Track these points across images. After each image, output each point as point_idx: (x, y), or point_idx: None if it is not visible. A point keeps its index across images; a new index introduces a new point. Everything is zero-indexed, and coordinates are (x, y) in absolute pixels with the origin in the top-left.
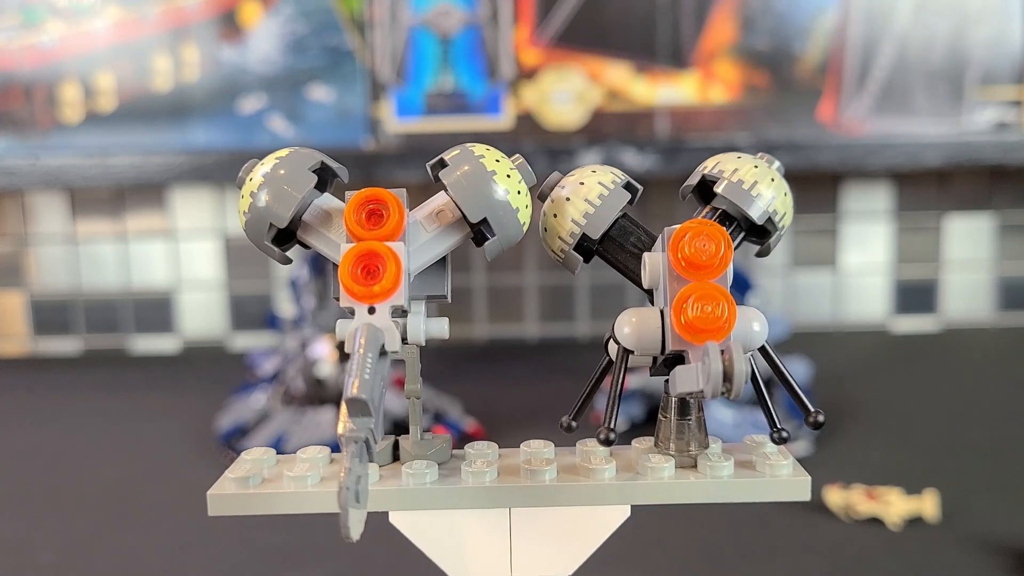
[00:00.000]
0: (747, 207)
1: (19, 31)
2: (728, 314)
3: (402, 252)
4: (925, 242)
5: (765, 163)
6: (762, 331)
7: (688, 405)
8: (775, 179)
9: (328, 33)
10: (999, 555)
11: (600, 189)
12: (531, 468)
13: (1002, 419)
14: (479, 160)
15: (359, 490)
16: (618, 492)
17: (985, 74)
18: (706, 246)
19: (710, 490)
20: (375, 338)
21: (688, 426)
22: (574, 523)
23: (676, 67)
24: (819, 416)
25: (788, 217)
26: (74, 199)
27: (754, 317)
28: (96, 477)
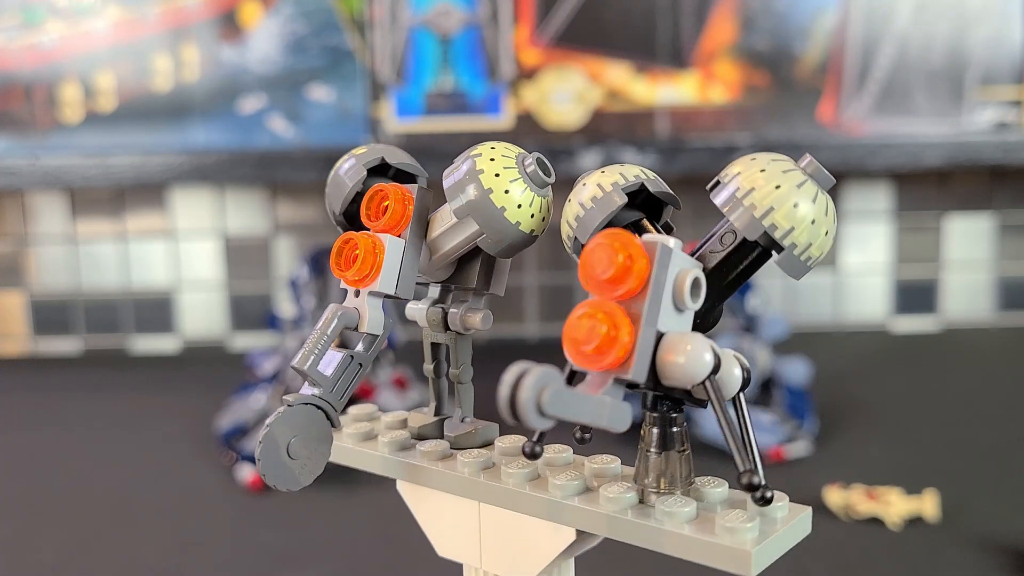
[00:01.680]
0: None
1: (19, 31)
2: (603, 339)
3: (392, 243)
4: (925, 242)
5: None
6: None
7: (671, 438)
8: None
9: (328, 33)
10: (999, 555)
11: (594, 191)
12: (503, 467)
13: (1002, 419)
14: (471, 159)
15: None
16: (560, 512)
17: (985, 74)
18: (600, 258)
19: (650, 537)
20: (343, 318)
21: (669, 460)
22: (534, 532)
23: (676, 67)
24: (753, 478)
25: (806, 236)
26: (74, 199)
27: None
28: (96, 477)
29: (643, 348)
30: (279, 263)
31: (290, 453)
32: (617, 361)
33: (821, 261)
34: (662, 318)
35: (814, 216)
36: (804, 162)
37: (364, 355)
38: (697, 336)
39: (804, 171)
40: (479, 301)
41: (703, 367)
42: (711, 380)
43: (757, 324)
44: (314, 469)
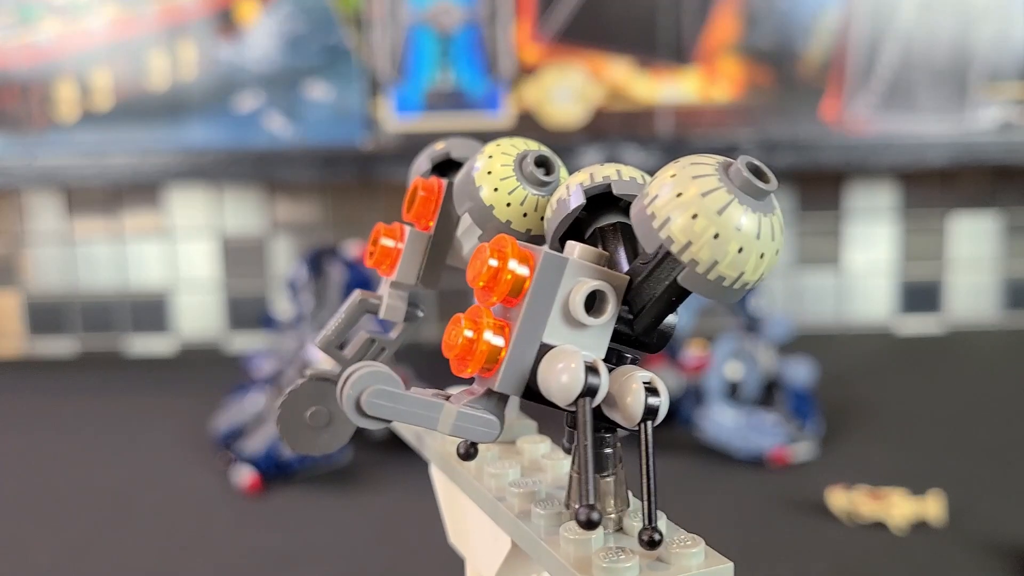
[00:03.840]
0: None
1: (15, 29)
2: (462, 346)
3: (412, 235)
4: (929, 242)
5: (711, 180)
6: (634, 406)
7: (606, 459)
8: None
9: (326, 31)
10: (1005, 558)
11: (562, 192)
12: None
13: (1008, 420)
14: (474, 156)
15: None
16: (499, 517)
17: (990, 72)
18: (474, 264)
19: (540, 556)
20: (364, 303)
21: (605, 484)
22: (489, 535)
23: (678, 64)
24: (654, 535)
25: (708, 253)
26: (70, 198)
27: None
28: (92, 479)
29: (512, 359)
30: (277, 263)
31: (310, 421)
32: (481, 369)
33: (758, 283)
34: (550, 330)
35: (718, 230)
36: (731, 168)
37: (387, 339)
38: (570, 353)
39: (724, 178)
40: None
41: (565, 386)
42: (584, 401)
43: (760, 325)
44: (337, 438)
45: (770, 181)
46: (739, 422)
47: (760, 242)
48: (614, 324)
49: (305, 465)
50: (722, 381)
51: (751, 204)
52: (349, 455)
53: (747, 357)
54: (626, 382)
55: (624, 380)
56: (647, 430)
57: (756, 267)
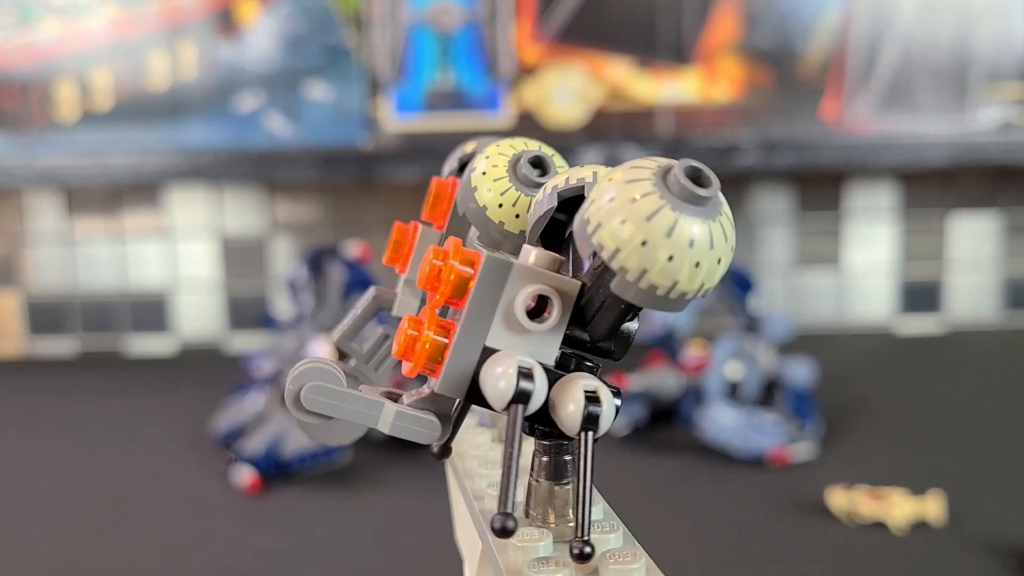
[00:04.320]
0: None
1: (15, 29)
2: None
3: (422, 232)
4: (929, 242)
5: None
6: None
7: (565, 467)
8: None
9: (326, 31)
10: (1005, 558)
11: (541, 194)
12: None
13: (1008, 420)
14: (478, 157)
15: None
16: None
17: (990, 72)
18: (421, 265)
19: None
20: (377, 299)
21: (566, 492)
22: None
23: (678, 64)
24: (584, 548)
25: (636, 260)
26: (70, 198)
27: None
28: (92, 480)
29: (453, 360)
30: (277, 263)
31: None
32: (426, 369)
33: (701, 293)
34: (494, 334)
35: (646, 237)
36: (669, 172)
37: None
38: (507, 357)
39: (659, 183)
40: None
41: (498, 391)
42: (516, 407)
43: (760, 325)
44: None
45: (710, 186)
46: (739, 422)
47: (694, 250)
48: (563, 330)
49: (305, 465)
50: (722, 381)
51: (685, 210)
52: (349, 455)
53: (747, 357)
54: (569, 389)
55: (568, 387)
56: (586, 440)
57: (692, 276)
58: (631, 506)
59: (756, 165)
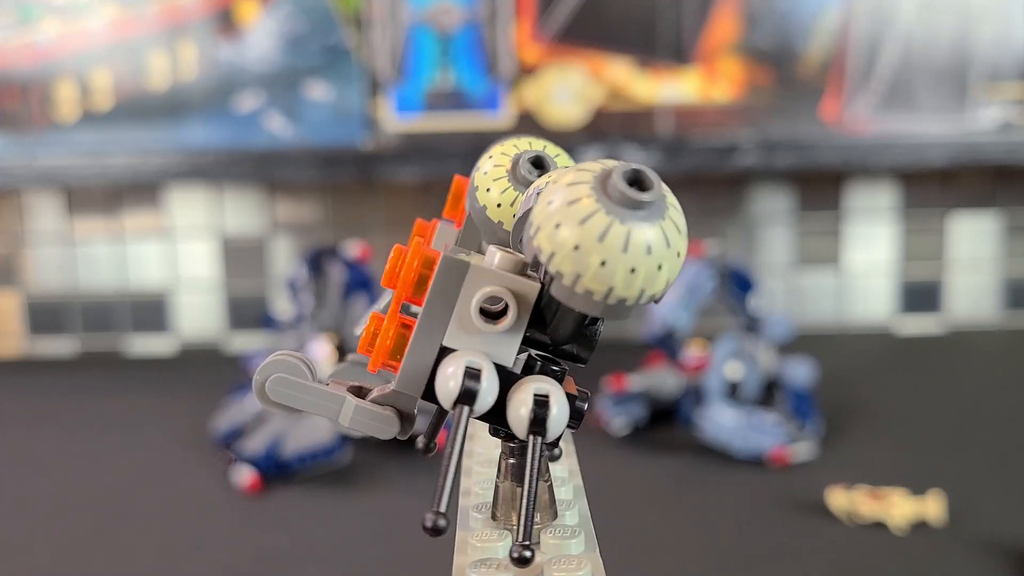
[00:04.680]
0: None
1: (15, 29)
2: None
3: (440, 228)
4: (929, 242)
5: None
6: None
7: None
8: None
9: (326, 31)
10: (1005, 558)
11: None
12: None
13: (1008, 420)
14: (483, 156)
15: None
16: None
17: (990, 72)
18: (388, 263)
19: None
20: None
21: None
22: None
23: (678, 64)
24: (524, 552)
25: (570, 265)
26: (70, 198)
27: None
28: (92, 480)
29: (410, 358)
30: (277, 263)
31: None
32: (387, 365)
33: (643, 300)
34: (451, 334)
35: (578, 242)
36: (609, 176)
37: None
38: (458, 357)
39: (597, 187)
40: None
41: (446, 390)
42: (461, 408)
43: (760, 325)
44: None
45: (650, 190)
46: (739, 422)
47: (628, 256)
48: (521, 332)
49: (305, 465)
50: (722, 381)
51: (620, 215)
52: (349, 455)
53: (747, 357)
54: (520, 392)
55: (520, 390)
56: (533, 444)
57: (628, 282)
58: (631, 506)
59: (756, 165)
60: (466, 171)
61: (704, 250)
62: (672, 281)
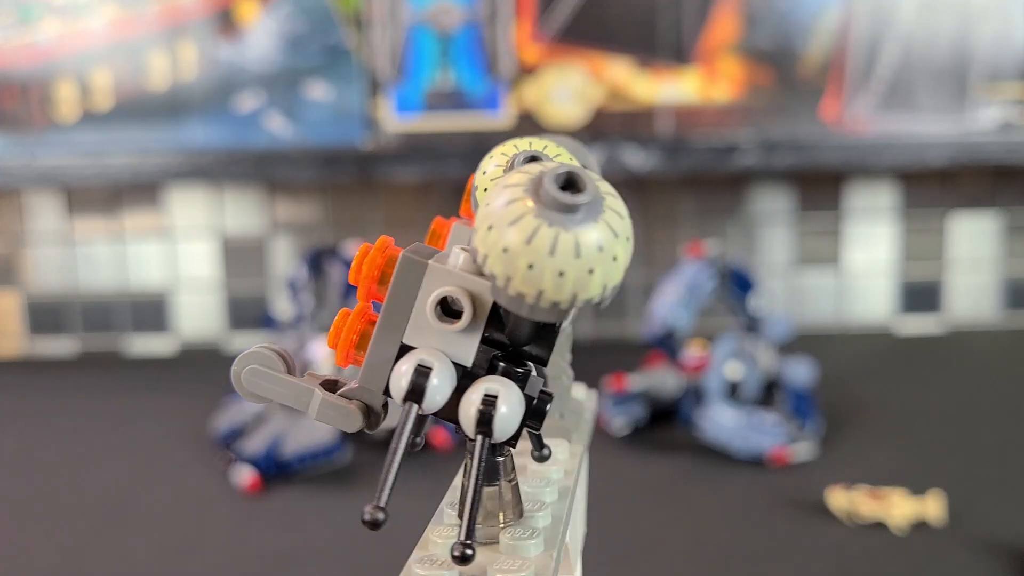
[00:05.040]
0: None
1: (15, 29)
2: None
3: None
4: (929, 242)
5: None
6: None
7: (497, 469)
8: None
9: (326, 31)
10: (1005, 558)
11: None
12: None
13: (1008, 420)
14: (486, 157)
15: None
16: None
17: (990, 72)
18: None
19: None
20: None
21: (499, 492)
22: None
23: (678, 64)
24: (465, 551)
25: (500, 267)
26: (70, 198)
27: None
28: (92, 479)
29: (372, 355)
30: (277, 263)
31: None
32: (352, 360)
33: (576, 304)
34: (411, 332)
35: (507, 244)
36: (543, 178)
37: None
38: (412, 356)
39: (530, 189)
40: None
41: (397, 387)
42: (409, 405)
43: (760, 325)
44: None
45: (582, 192)
46: (739, 422)
47: (555, 259)
48: (480, 332)
49: (305, 465)
50: (722, 381)
51: (549, 218)
52: (349, 455)
53: (747, 357)
54: (471, 392)
55: (472, 389)
56: (480, 443)
57: (558, 286)
58: (631, 506)
59: (756, 165)
60: (466, 171)
61: (704, 250)
62: (613, 285)
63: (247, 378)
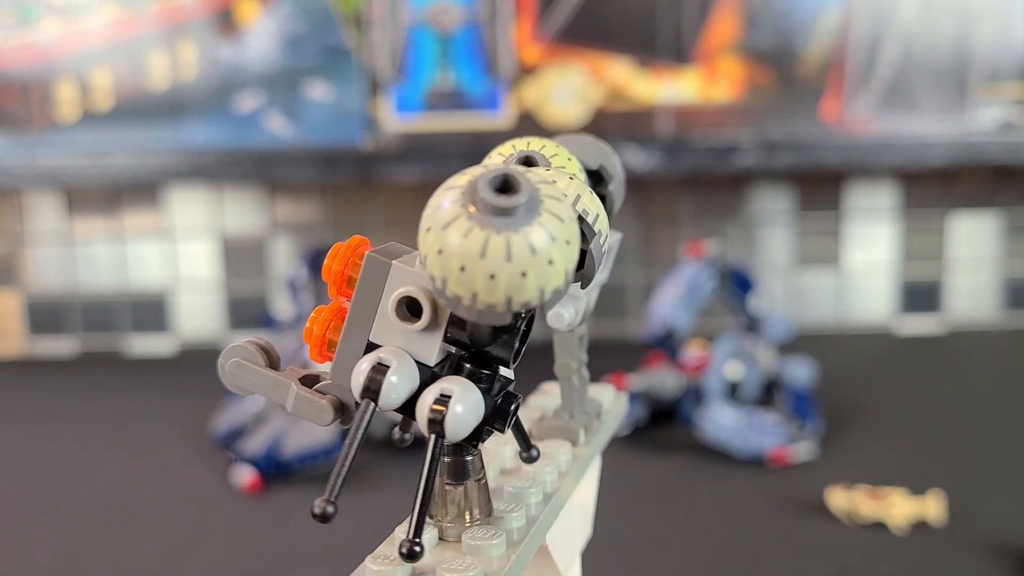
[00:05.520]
0: None
1: (15, 29)
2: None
3: None
4: (929, 242)
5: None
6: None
7: (465, 468)
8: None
9: (326, 31)
10: (1005, 558)
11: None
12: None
13: (1008, 420)
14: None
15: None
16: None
17: (990, 72)
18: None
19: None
20: None
21: (465, 491)
22: None
23: (678, 64)
24: (413, 547)
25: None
26: (70, 198)
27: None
28: (92, 480)
29: (341, 352)
30: (277, 263)
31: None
32: (325, 357)
33: (513, 307)
34: (376, 330)
35: (441, 246)
36: (477, 182)
37: None
38: (373, 354)
39: (466, 191)
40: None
41: (356, 384)
42: (365, 402)
43: (760, 325)
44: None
45: (516, 194)
46: (739, 422)
47: (486, 262)
48: (441, 332)
49: (305, 465)
50: (722, 381)
51: (481, 221)
52: None
53: (747, 357)
54: (427, 392)
55: (428, 389)
56: (433, 442)
57: (490, 289)
58: (631, 506)
59: (756, 165)
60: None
61: (704, 250)
62: (554, 288)
63: (230, 371)
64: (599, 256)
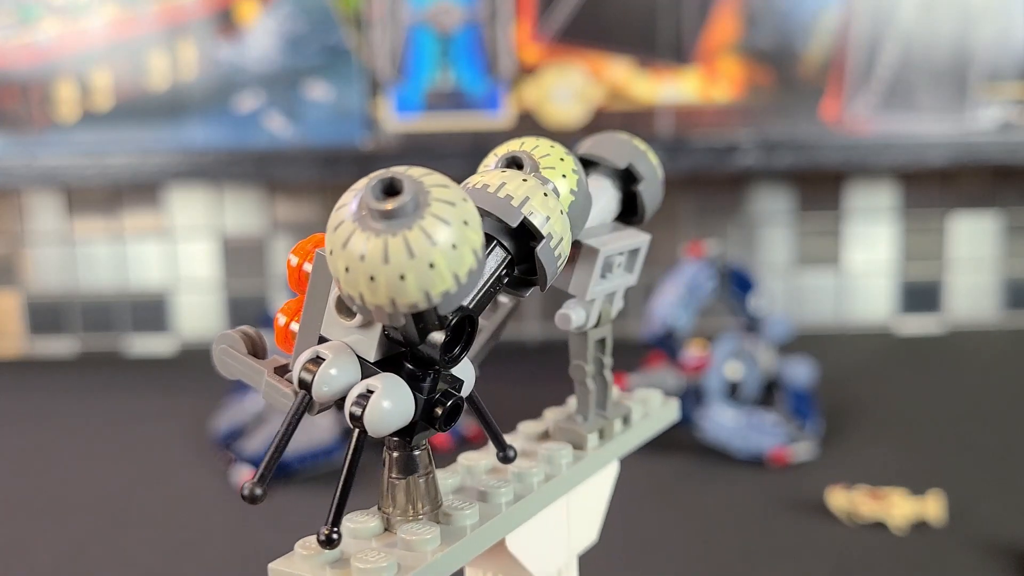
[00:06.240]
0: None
1: (15, 29)
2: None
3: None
4: (929, 242)
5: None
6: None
7: (413, 462)
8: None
9: (326, 31)
10: (1005, 558)
11: None
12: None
13: (1008, 420)
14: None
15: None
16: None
17: (990, 72)
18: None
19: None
20: None
21: (414, 485)
22: None
23: (678, 64)
24: (332, 535)
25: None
26: (70, 198)
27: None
28: (92, 480)
29: (298, 345)
30: (277, 263)
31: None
32: (289, 348)
33: (400, 310)
34: (326, 325)
35: (331, 247)
36: (366, 183)
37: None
38: (311, 349)
39: (358, 194)
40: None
41: (293, 375)
42: (301, 393)
43: (760, 325)
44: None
45: (398, 195)
46: (739, 422)
47: (365, 264)
48: (378, 329)
49: (305, 465)
50: (722, 381)
51: (363, 223)
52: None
53: (747, 357)
54: (355, 387)
55: (358, 385)
56: (355, 435)
57: (372, 290)
58: (631, 506)
59: (756, 165)
60: (466, 171)
61: (704, 250)
62: (442, 292)
63: (218, 356)
64: (549, 259)
